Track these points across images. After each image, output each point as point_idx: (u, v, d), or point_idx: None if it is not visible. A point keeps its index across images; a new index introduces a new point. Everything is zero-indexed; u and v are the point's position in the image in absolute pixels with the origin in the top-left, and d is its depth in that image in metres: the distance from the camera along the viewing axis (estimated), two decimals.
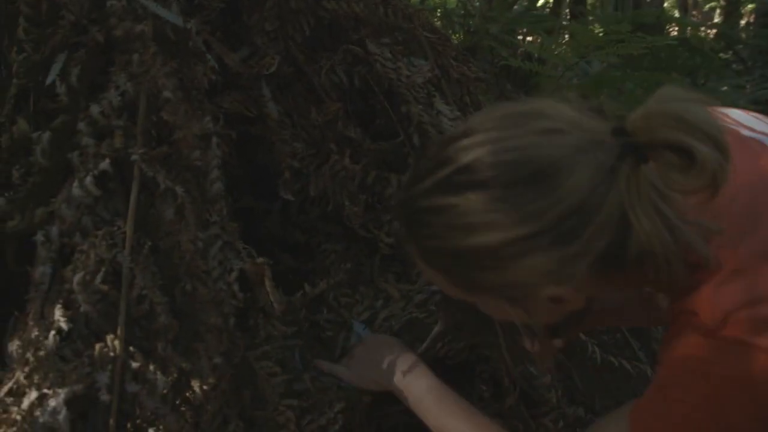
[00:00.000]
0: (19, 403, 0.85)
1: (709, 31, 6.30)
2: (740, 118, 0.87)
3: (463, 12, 3.61)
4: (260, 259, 1.08)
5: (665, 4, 7.30)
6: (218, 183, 1.08)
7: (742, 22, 7.28)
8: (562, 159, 0.68)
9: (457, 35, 3.38)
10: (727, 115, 0.87)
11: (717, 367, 0.71)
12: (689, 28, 5.61)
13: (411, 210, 0.77)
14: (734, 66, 4.82)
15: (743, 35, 5.72)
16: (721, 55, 4.69)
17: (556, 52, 3.04)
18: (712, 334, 0.71)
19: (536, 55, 3.31)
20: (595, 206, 0.69)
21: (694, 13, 9.51)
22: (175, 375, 0.90)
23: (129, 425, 0.92)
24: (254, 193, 1.31)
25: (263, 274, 1.09)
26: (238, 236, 1.12)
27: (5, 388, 0.88)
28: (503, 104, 0.78)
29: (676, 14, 7.75)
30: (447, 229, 0.72)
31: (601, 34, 3.10)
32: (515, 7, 3.73)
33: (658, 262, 0.71)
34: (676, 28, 6.13)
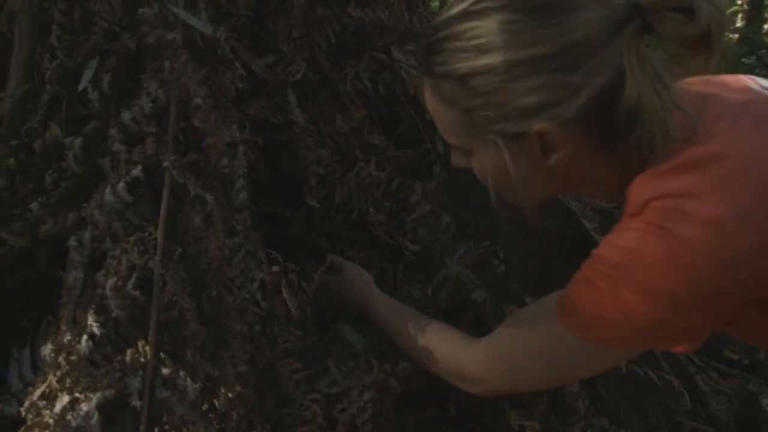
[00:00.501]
0: (51, 407, 0.86)
1: (731, 35, 6.24)
2: None
3: None
4: (275, 268, 1.09)
5: None
6: (243, 192, 1.09)
7: (766, 27, 7.19)
8: (576, 1, 0.76)
9: None
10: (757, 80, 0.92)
11: (628, 243, 0.78)
12: None
13: (431, 39, 0.84)
14: (757, 71, 4.76)
15: (766, 39, 5.64)
16: (743, 59, 4.64)
17: None
18: (630, 217, 0.79)
19: None
20: (596, 47, 0.75)
21: None
22: (203, 381, 0.91)
23: (156, 430, 0.93)
24: (280, 199, 1.32)
25: (280, 282, 1.10)
26: (260, 245, 1.13)
27: (38, 392, 0.89)
28: None
29: None
30: (459, 51, 0.79)
31: None
32: None
33: (643, 130, 0.77)
34: None
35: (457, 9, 0.81)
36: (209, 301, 1.03)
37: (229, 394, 0.95)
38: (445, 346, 1.03)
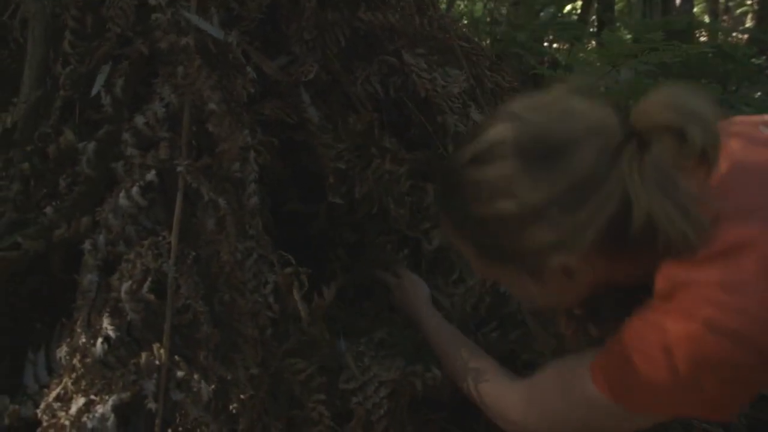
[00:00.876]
0: (67, 409, 0.87)
1: (741, 36, 6.21)
2: None
3: (489, 20, 3.61)
4: (288, 269, 1.10)
5: (695, 9, 7.22)
6: (255, 197, 1.09)
7: None
8: (573, 139, 0.79)
9: (484, 43, 3.38)
10: (762, 119, 0.94)
11: (658, 322, 0.80)
12: (720, 33, 5.54)
13: (448, 181, 0.89)
14: (767, 72, 4.73)
15: None
16: (753, 60, 4.62)
17: (583, 60, 3.02)
18: (659, 302, 0.81)
19: (563, 62, 3.30)
20: (598, 180, 0.78)
21: (724, 18, 9.38)
22: (216, 384, 0.91)
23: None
24: (300, 197, 1.33)
25: (291, 284, 1.11)
26: (272, 248, 1.14)
27: (53, 394, 0.90)
28: (525, 96, 0.89)
29: (706, 20, 7.65)
30: (474, 196, 0.84)
31: (630, 42, 3.08)
32: (542, 14, 3.72)
33: (661, 239, 0.78)
34: (705, 34, 6.06)
35: (467, 152, 0.86)
36: (221, 304, 1.03)
37: (242, 396, 0.96)
38: (486, 382, 1.04)
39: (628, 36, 4.05)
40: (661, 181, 0.77)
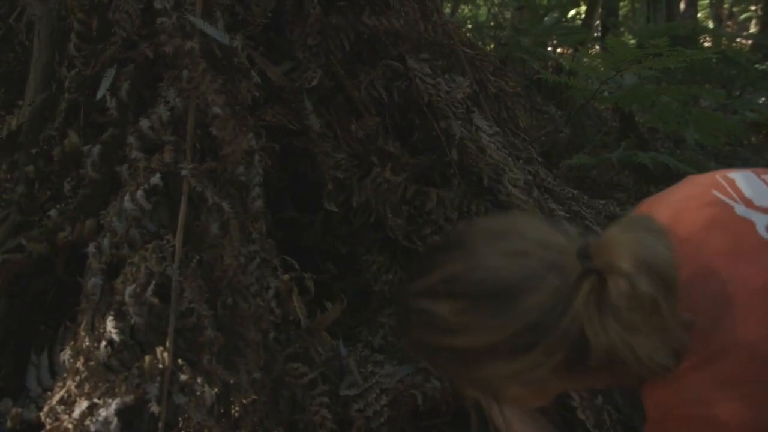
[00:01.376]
0: (70, 412, 0.87)
1: (745, 41, 6.21)
2: (747, 189, 0.89)
3: (493, 24, 3.61)
4: (286, 276, 1.10)
5: (699, 15, 7.21)
6: (259, 200, 1.09)
7: None
8: (524, 280, 0.77)
9: (488, 47, 3.38)
10: (733, 183, 0.91)
11: None
12: (724, 39, 5.53)
13: (403, 308, 0.88)
14: None
15: None
16: (757, 66, 4.61)
17: (587, 65, 3.02)
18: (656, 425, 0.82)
19: (567, 67, 3.30)
20: (551, 323, 0.75)
21: (728, 23, 9.36)
22: (220, 387, 0.91)
23: None
24: (297, 204, 1.32)
25: (291, 290, 1.11)
26: (275, 253, 1.14)
27: (56, 397, 0.90)
28: (484, 220, 0.91)
29: (710, 25, 7.64)
30: (428, 327, 0.82)
31: (634, 47, 3.08)
32: (546, 19, 3.72)
33: (628, 365, 0.76)
34: (709, 39, 6.05)
35: (421, 284, 0.84)
36: (224, 308, 1.03)
37: (244, 401, 0.96)
38: None
39: (632, 41, 4.05)
40: (622, 316, 0.74)
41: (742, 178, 0.91)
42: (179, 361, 0.90)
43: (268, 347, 1.06)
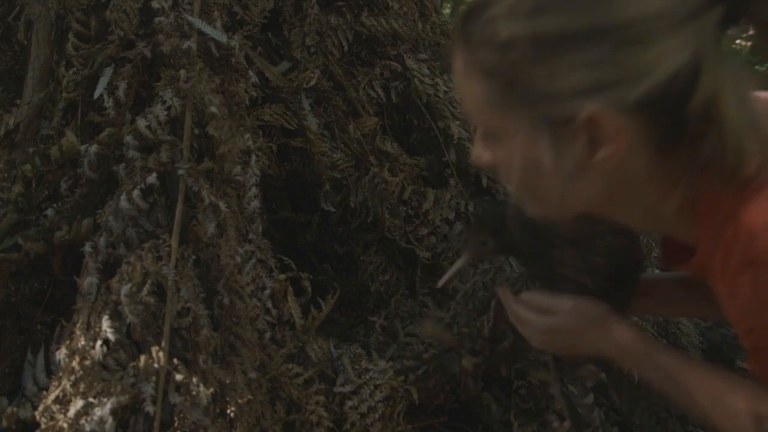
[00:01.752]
0: (65, 411, 0.87)
1: (744, 43, 6.20)
2: None
3: None
4: (282, 276, 1.10)
5: None
6: (255, 201, 1.09)
7: None
8: None
9: None
10: None
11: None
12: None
13: (471, 5, 0.71)
14: None
15: None
16: (757, 67, 4.60)
17: None
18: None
19: None
20: (671, 25, 0.62)
21: None
22: (216, 387, 0.91)
23: None
24: (294, 204, 1.32)
25: (286, 290, 1.11)
26: (271, 253, 1.14)
27: (52, 396, 0.90)
28: None
29: None
30: (503, 15, 0.66)
31: None
32: None
33: (714, 140, 0.64)
34: None
35: None
36: (221, 308, 1.03)
37: (239, 400, 0.95)
38: (736, 400, 0.81)
39: None
40: (731, 77, 0.63)
41: None
42: (175, 360, 0.89)
43: (264, 347, 1.06)
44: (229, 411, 0.90)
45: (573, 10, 0.64)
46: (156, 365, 0.87)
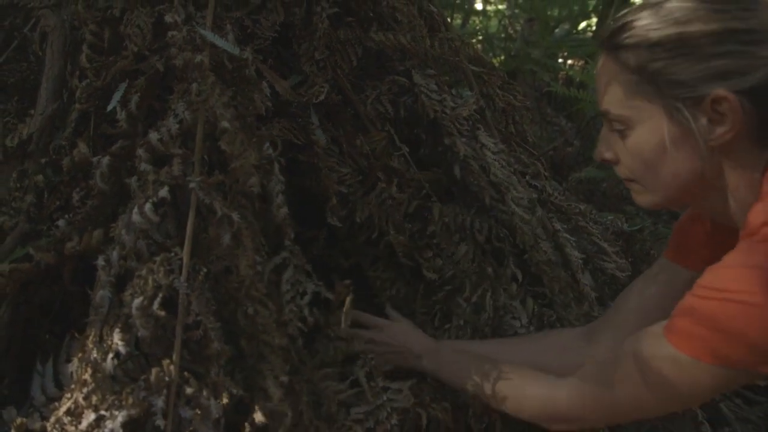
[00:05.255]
0: (77, 424, 0.88)
1: None
2: None
3: (504, 36, 3.62)
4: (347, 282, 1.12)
5: None
6: (284, 207, 1.11)
7: None
8: None
9: (498, 59, 3.39)
10: None
11: (738, 261, 0.82)
12: None
13: (621, 19, 0.92)
14: None
15: None
16: None
17: None
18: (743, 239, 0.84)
19: (578, 79, 3.30)
20: None
21: None
22: (227, 400, 0.92)
23: None
24: (300, 219, 1.33)
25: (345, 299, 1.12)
26: (305, 259, 1.14)
27: (63, 408, 0.91)
28: None
29: None
30: (653, 24, 0.88)
31: None
32: (556, 31, 3.73)
33: None
34: None
35: None
36: (245, 318, 1.02)
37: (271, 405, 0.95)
38: (533, 389, 1.03)
39: None
40: None
41: None
42: (185, 374, 0.90)
43: (297, 353, 1.05)
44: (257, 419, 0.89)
45: (708, 19, 0.85)
46: (167, 378, 0.88)
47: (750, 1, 0.87)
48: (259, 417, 0.89)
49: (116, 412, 0.84)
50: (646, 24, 0.89)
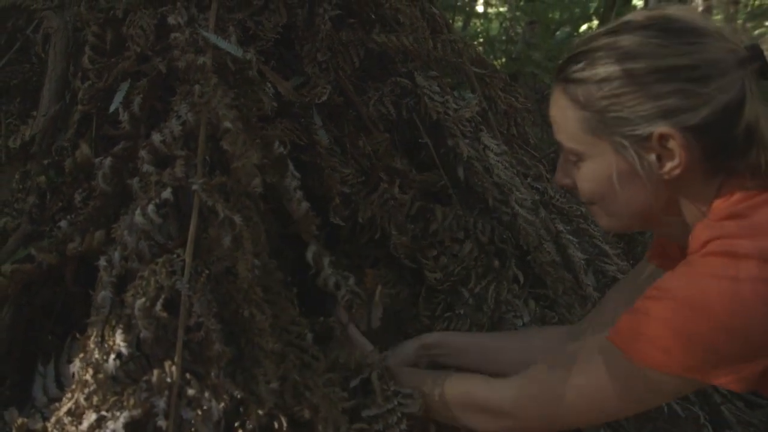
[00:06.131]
0: (77, 424, 0.87)
1: None
2: None
3: (505, 38, 3.62)
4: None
5: None
6: (304, 202, 1.13)
7: None
8: (707, 30, 0.87)
9: (500, 61, 3.39)
10: None
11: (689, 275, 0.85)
12: None
13: (573, 51, 0.93)
14: None
15: None
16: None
17: None
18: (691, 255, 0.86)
19: None
20: (725, 69, 0.85)
21: (742, 39, 9.33)
22: (227, 402, 0.91)
23: None
24: None
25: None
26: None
27: (64, 408, 0.91)
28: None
29: None
30: (601, 58, 0.88)
31: None
32: (557, 33, 3.73)
33: (753, 156, 0.86)
34: None
35: (602, 29, 0.93)
36: (243, 320, 1.02)
37: (260, 411, 0.95)
38: (463, 383, 1.04)
39: None
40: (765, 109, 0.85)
41: None
42: (187, 375, 0.90)
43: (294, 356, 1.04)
44: (248, 424, 0.89)
45: (654, 55, 0.86)
46: (168, 379, 0.88)
47: (696, 34, 0.87)
48: (252, 423, 0.88)
49: (118, 413, 0.84)
50: (596, 58, 0.89)
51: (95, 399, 0.86)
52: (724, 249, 0.82)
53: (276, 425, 0.91)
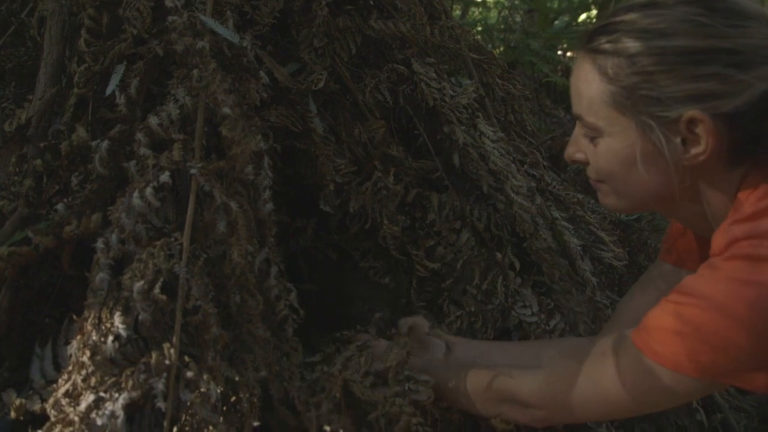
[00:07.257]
0: (75, 405, 0.88)
1: None
2: None
3: (503, 27, 3.61)
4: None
5: None
6: (270, 203, 1.10)
7: None
8: (754, 12, 0.82)
9: (498, 50, 3.39)
10: None
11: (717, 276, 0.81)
12: None
13: (606, 20, 0.88)
14: None
15: None
16: None
17: None
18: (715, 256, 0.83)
19: None
20: (763, 56, 0.80)
21: None
22: (223, 385, 0.92)
23: (175, 430, 0.94)
24: (289, 209, 1.33)
25: None
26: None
27: (62, 390, 0.91)
28: None
29: None
30: (636, 32, 0.83)
31: None
32: (556, 22, 3.72)
33: None
34: None
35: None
36: (235, 306, 1.02)
37: (250, 396, 0.96)
38: (493, 376, 0.99)
39: None
40: None
41: None
42: (186, 358, 0.91)
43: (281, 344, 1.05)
44: (238, 406, 0.91)
45: (695, 35, 0.81)
46: (167, 362, 0.88)
47: (741, 17, 0.82)
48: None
49: (116, 394, 0.84)
50: (628, 30, 0.84)
51: (93, 380, 0.87)
52: (747, 252, 0.79)
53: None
